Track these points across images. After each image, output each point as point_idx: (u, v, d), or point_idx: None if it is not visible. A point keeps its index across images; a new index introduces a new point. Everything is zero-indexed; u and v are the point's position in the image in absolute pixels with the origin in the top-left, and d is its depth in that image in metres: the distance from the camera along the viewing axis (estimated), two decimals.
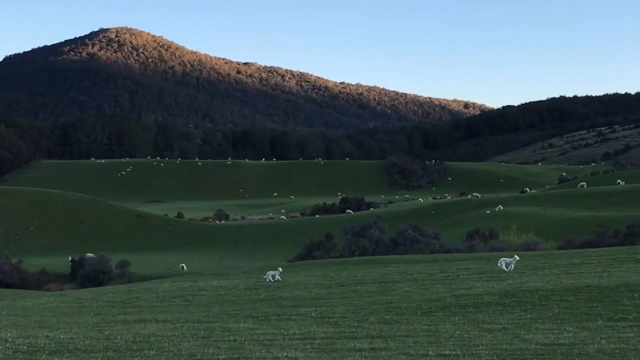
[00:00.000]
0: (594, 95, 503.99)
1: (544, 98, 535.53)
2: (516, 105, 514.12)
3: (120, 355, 18.10)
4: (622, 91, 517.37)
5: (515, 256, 39.88)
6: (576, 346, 17.25)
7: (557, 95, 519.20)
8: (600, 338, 18.11)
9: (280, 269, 42.41)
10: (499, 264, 38.67)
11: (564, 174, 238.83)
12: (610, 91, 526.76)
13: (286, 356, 17.19)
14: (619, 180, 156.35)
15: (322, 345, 18.85)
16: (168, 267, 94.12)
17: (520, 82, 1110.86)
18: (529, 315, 23.35)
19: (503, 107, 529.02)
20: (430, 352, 17.20)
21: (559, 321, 21.89)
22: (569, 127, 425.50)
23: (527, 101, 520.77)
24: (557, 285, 29.85)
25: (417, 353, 17.24)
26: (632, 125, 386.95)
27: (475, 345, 17.91)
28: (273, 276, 40.96)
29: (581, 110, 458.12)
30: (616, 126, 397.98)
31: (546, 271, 37.37)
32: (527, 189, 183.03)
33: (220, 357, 17.33)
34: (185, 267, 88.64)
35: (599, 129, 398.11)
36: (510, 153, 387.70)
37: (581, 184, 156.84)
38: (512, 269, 37.95)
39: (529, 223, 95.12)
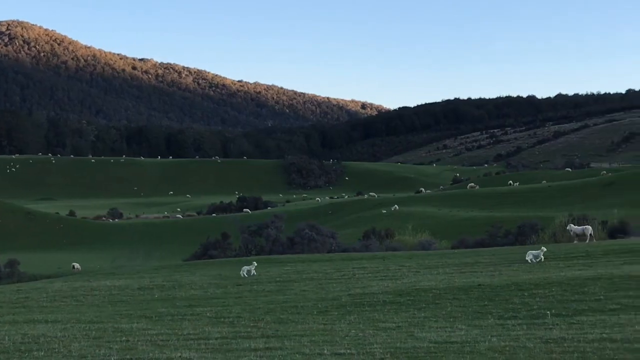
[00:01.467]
0: (487, 98, 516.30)
1: (439, 100, 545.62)
2: (412, 106, 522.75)
3: (7, 356, 17.51)
4: (514, 94, 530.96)
5: (543, 248, 40.52)
6: (468, 344, 17.52)
7: (452, 98, 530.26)
8: (491, 336, 18.44)
9: (255, 263, 41.81)
10: (527, 257, 39.24)
11: (458, 174, 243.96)
12: (503, 94, 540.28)
13: (180, 356, 16.92)
14: (510, 181, 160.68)
15: (217, 345, 18.65)
16: (59, 267, 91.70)
17: (416, 84, 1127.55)
18: (423, 314, 23.64)
19: (399, 108, 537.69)
20: (326, 351, 17.20)
21: (451, 319, 22.22)
22: (462, 128, 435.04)
23: (423, 103, 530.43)
24: (450, 284, 30.35)
25: (312, 352, 17.22)
26: (524, 128, 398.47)
27: (369, 344, 17.99)
28: (248, 271, 40.49)
29: (475, 112, 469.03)
30: (508, 128, 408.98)
31: (440, 270, 37.97)
32: (423, 189, 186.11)
33: (112, 358, 16.94)
34: (77, 267, 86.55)
35: (491, 131, 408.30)
36: (406, 153, 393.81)
37: (470, 184, 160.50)
38: (542, 260, 38.61)
39: (424, 223, 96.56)
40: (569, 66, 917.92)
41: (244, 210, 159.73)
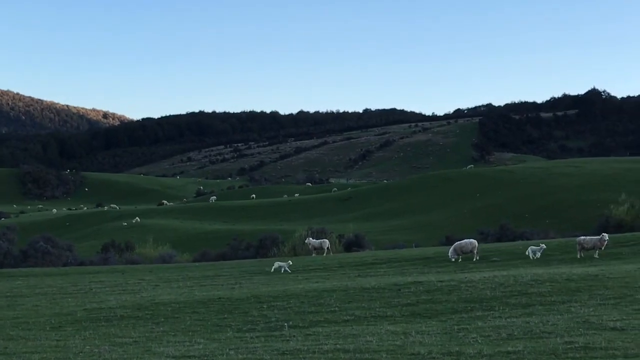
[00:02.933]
0: (231, 112, 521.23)
1: (183, 112, 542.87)
2: (156, 117, 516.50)
3: None
4: (258, 109, 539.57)
5: (542, 245, 41.67)
6: (206, 357, 17.39)
7: (197, 110, 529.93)
8: (229, 349, 18.41)
9: (290, 262, 41.57)
10: (527, 253, 40.84)
11: (202, 187, 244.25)
12: (247, 109, 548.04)
13: None
14: (253, 195, 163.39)
15: None
16: None
17: (161, 95, 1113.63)
18: (161, 328, 23.24)
19: (143, 119, 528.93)
20: None
21: (190, 333, 22.01)
22: (207, 141, 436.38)
23: (167, 114, 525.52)
24: (190, 298, 30.12)
25: None
26: (267, 143, 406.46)
27: None
28: (280, 267, 40.51)
29: (219, 125, 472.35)
30: (252, 143, 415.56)
31: (180, 283, 37.71)
32: (165, 202, 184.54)
33: None
34: None
35: (235, 144, 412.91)
36: (149, 165, 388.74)
37: (212, 197, 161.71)
38: (538, 256, 40.07)
39: (166, 235, 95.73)
40: (310, 84, 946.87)
41: None
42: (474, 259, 41.13)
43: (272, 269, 40.96)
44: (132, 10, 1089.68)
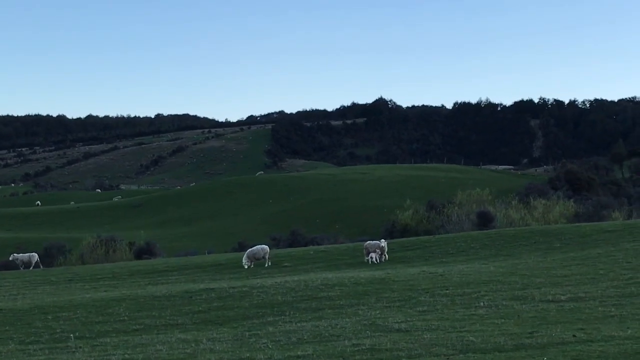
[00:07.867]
0: (15, 115, 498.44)
1: None
2: None
3: None
4: (43, 113, 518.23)
5: (378, 250, 40.32)
6: None
7: None
8: None
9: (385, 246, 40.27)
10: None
11: None
12: (32, 112, 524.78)
13: None
14: (38, 202, 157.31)
15: None
16: None
17: None
18: None
19: None
20: None
21: None
22: None
23: None
24: None
25: None
26: (53, 148, 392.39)
27: None
28: (374, 258, 39.61)
29: (1, 129, 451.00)
30: (37, 147, 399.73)
31: None
32: None
33: None
34: None
35: (19, 149, 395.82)
36: None
37: None
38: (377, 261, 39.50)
39: None
40: (99, 87, 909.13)
41: None
42: (266, 265, 41.47)
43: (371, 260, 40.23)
44: None
